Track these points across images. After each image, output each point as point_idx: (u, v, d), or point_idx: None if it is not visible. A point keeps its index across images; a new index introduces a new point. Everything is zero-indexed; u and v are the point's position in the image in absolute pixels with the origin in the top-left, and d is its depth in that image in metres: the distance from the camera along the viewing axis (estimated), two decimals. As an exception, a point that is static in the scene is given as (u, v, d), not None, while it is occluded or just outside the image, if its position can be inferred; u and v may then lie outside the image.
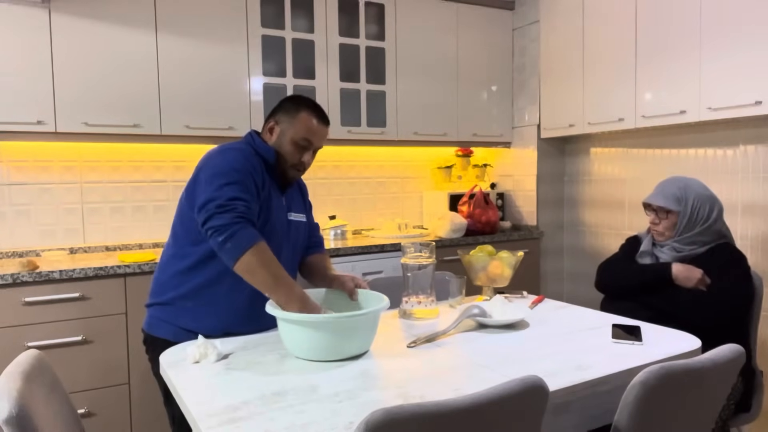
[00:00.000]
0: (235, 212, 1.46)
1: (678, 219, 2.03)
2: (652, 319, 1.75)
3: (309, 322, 1.36)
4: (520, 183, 3.69)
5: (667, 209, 2.04)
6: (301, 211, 1.82)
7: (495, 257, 2.03)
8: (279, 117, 1.70)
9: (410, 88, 3.32)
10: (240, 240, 1.43)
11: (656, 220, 2.08)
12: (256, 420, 1.05)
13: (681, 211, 2.03)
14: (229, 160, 1.56)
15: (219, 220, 1.44)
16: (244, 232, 1.44)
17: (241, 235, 1.43)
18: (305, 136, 1.68)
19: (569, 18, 3.26)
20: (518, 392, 0.99)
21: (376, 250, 2.94)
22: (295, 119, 1.68)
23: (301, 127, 1.67)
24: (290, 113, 1.69)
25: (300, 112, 1.68)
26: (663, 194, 2.06)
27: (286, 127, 1.68)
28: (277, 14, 2.93)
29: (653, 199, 2.08)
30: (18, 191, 2.69)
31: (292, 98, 1.75)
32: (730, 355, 1.24)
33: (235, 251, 1.43)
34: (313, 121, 1.69)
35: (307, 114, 1.69)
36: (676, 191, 2.05)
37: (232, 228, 1.43)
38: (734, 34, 2.43)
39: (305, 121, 1.68)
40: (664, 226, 2.06)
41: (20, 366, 1.15)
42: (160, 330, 1.64)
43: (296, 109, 1.69)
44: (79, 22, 2.49)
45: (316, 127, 1.70)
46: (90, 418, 2.32)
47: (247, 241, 1.44)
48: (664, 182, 2.12)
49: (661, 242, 2.10)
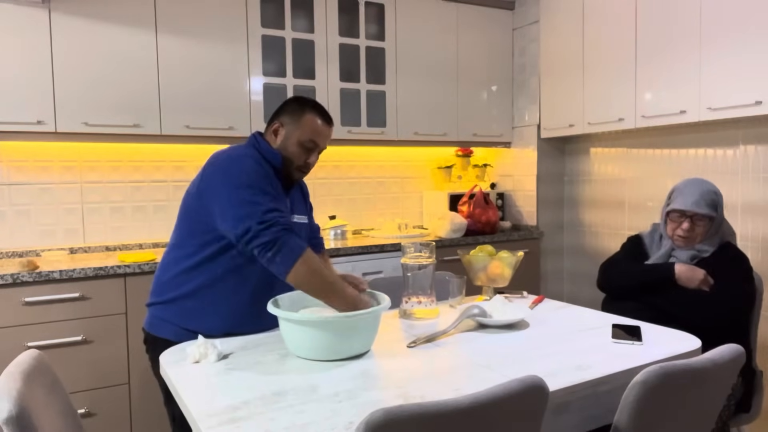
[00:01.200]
0: (277, 226, 1.47)
1: (713, 224, 1.99)
2: (654, 319, 1.75)
3: (310, 322, 1.36)
4: (520, 183, 3.69)
5: (709, 216, 1.97)
6: (303, 212, 1.82)
7: (495, 257, 2.03)
8: (284, 119, 1.70)
9: (410, 88, 3.32)
10: (289, 251, 1.45)
11: (690, 227, 1.98)
12: (256, 420, 1.05)
13: (716, 217, 1.99)
14: (249, 170, 1.55)
15: (264, 237, 1.45)
16: (291, 243, 1.46)
17: (289, 247, 1.45)
18: (311, 138, 1.68)
19: (569, 18, 3.26)
20: (518, 392, 0.99)
21: (376, 250, 2.94)
22: (301, 121, 1.68)
23: (306, 129, 1.68)
24: (295, 115, 1.69)
25: (305, 113, 1.69)
26: (704, 201, 1.96)
27: (291, 129, 1.68)
28: (277, 14, 2.93)
29: (694, 207, 1.96)
30: (18, 191, 2.69)
31: (296, 99, 1.75)
32: (730, 355, 1.24)
33: (287, 263, 1.45)
34: (318, 122, 1.69)
35: (312, 115, 1.69)
36: (714, 197, 1.98)
37: (279, 242, 1.45)
38: (734, 34, 2.43)
39: (311, 122, 1.68)
40: (698, 232, 1.99)
41: (20, 366, 1.15)
42: (161, 329, 1.63)
43: (301, 110, 1.69)
44: (79, 22, 2.49)
45: (321, 128, 1.70)
46: (90, 418, 2.32)
47: (296, 252, 1.45)
48: (693, 187, 2.00)
49: (683, 247, 2.03)
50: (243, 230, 1.47)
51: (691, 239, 2.01)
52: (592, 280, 2.25)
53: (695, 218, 1.98)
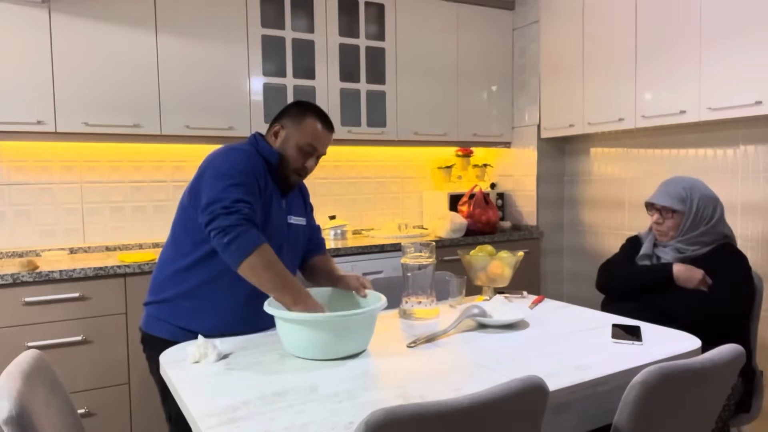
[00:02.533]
0: (240, 214, 1.46)
1: (683, 219, 2.03)
2: (653, 319, 1.75)
3: (306, 321, 1.36)
4: (520, 183, 3.69)
5: (672, 209, 2.03)
6: (302, 214, 1.83)
7: (495, 257, 2.03)
8: (285, 121, 1.71)
9: (410, 88, 3.31)
10: (244, 242, 1.44)
11: (660, 220, 2.07)
12: (256, 420, 1.05)
13: (686, 212, 2.02)
14: (234, 161, 1.57)
15: (224, 221, 1.45)
16: (249, 234, 1.45)
17: (245, 238, 1.44)
18: (310, 142, 1.69)
19: (569, 18, 3.26)
20: (518, 392, 0.99)
21: (376, 250, 2.94)
22: (301, 125, 1.69)
23: (306, 133, 1.69)
24: (296, 119, 1.71)
25: (306, 117, 1.70)
26: (668, 194, 2.05)
27: (291, 132, 1.70)
28: (277, 14, 2.93)
29: (658, 199, 2.07)
30: (18, 191, 2.69)
31: (298, 104, 1.76)
32: (730, 355, 1.24)
33: (240, 253, 1.44)
34: (318, 127, 1.71)
35: (313, 120, 1.71)
36: (681, 191, 2.04)
37: (237, 230, 1.44)
38: (734, 34, 2.43)
39: (311, 126, 1.70)
40: (667, 226, 2.06)
41: (20, 366, 1.15)
42: (158, 329, 1.64)
43: (302, 114, 1.71)
44: (79, 22, 2.49)
45: (321, 133, 1.71)
46: (90, 418, 2.32)
47: (252, 244, 1.44)
48: (668, 182, 2.11)
49: (663, 243, 2.09)
50: (208, 214, 1.47)
51: (664, 233, 2.08)
52: (592, 280, 2.25)
53: (663, 211, 2.07)
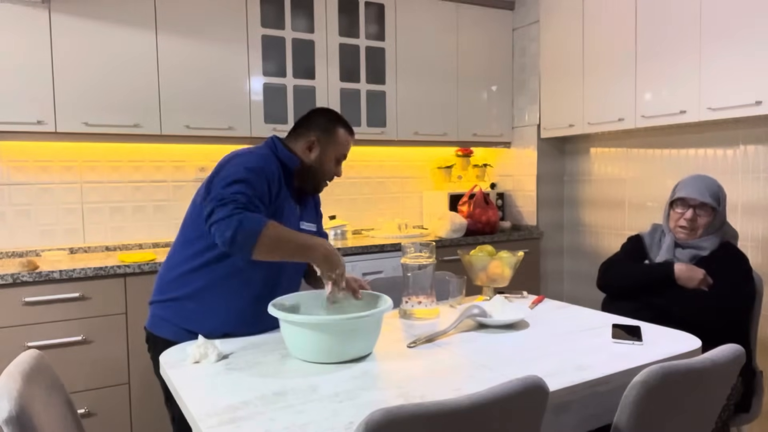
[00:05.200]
0: (235, 203, 1.42)
1: (715, 218, 2.00)
2: (654, 319, 1.75)
3: (311, 324, 1.35)
4: (520, 183, 3.69)
5: (712, 206, 1.99)
6: (313, 221, 1.84)
7: (495, 257, 2.03)
8: (317, 134, 1.74)
9: (410, 88, 3.31)
10: (246, 229, 1.39)
11: (693, 217, 2.00)
12: (256, 420, 1.05)
13: (720, 211, 2.01)
14: (244, 162, 1.56)
15: (219, 213, 1.40)
16: (249, 219, 1.40)
17: (246, 224, 1.39)
18: (344, 153, 1.79)
19: (569, 18, 3.26)
20: (518, 392, 0.99)
21: (376, 250, 2.94)
22: (334, 137, 1.75)
23: (341, 145, 1.77)
24: (328, 131, 1.74)
25: (337, 129, 1.76)
26: (708, 190, 1.99)
27: (326, 145, 1.74)
28: (277, 14, 2.93)
29: (698, 195, 1.99)
30: (18, 191, 2.69)
31: (325, 113, 1.79)
32: (730, 355, 1.24)
33: (246, 243, 1.39)
34: (349, 137, 1.79)
35: (344, 131, 1.77)
36: (716, 189, 2.01)
37: (234, 219, 1.38)
38: (734, 33, 2.43)
39: (344, 138, 1.77)
40: (699, 223, 2.00)
41: (20, 366, 1.15)
42: (162, 329, 1.63)
43: (333, 126, 1.75)
44: (79, 22, 2.49)
45: (351, 141, 1.81)
46: (90, 418, 2.32)
47: (254, 228, 1.39)
48: (697, 179, 2.04)
49: (686, 241, 2.04)
50: (207, 210, 1.45)
51: (693, 231, 2.02)
52: (592, 280, 2.25)
53: (698, 209, 2.00)
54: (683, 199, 2.04)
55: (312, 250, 1.50)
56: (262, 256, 1.44)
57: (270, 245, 1.42)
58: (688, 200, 2.02)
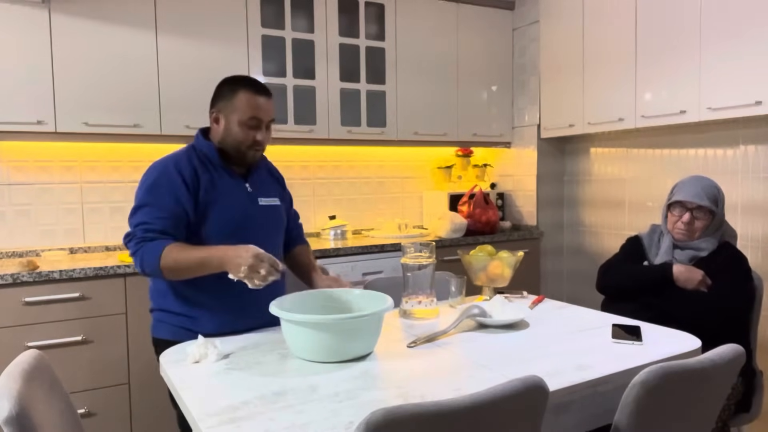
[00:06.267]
0: (135, 238, 1.54)
1: (712, 219, 2.00)
2: (653, 319, 1.75)
3: (312, 324, 1.35)
4: (520, 183, 3.69)
5: (710, 209, 1.98)
6: (273, 195, 1.80)
7: (495, 257, 2.03)
8: (219, 105, 1.68)
9: (410, 88, 3.31)
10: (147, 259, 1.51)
11: (690, 219, 2.00)
12: (256, 420, 1.05)
13: (718, 213, 2.00)
14: (145, 179, 1.63)
15: (129, 248, 1.57)
16: (147, 249, 1.52)
17: (147, 255, 1.52)
18: (251, 115, 1.64)
19: (569, 18, 3.26)
20: (518, 392, 0.99)
21: (376, 250, 2.94)
22: (234, 102, 1.64)
23: (244, 108, 1.64)
24: (228, 97, 1.66)
25: (237, 92, 1.65)
26: (705, 193, 1.99)
27: (228, 112, 1.66)
28: (277, 14, 2.93)
29: (696, 198, 1.99)
30: (18, 191, 2.68)
31: (227, 81, 1.71)
32: (730, 355, 1.24)
33: (153, 269, 1.52)
34: (253, 97, 1.65)
35: (245, 92, 1.64)
36: (715, 191, 2.01)
37: (138, 254, 1.53)
38: (734, 34, 2.43)
39: (246, 100, 1.64)
40: (697, 226, 2.00)
41: (20, 366, 1.15)
42: (160, 331, 1.66)
43: (233, 91, 1.66)
44: (79, 22, 2.49)
45: (258, 101, 1.65)
46: (90, 418, 2.32)
47: (153, 255, 1.51)
48: (697, 180, 2.04)
49: (684, 243, 2.04)
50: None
51: (691, 233, 2.02)
52: (592, 280, 2.24)
53: (696, 211, 2.00)
54: (681, 202, 2.03)
55: (207, 263, 1.52)
56: (175, 278, 1.56)
57: (173, 269, 1.52)
58: (685, 203, 2.01)
